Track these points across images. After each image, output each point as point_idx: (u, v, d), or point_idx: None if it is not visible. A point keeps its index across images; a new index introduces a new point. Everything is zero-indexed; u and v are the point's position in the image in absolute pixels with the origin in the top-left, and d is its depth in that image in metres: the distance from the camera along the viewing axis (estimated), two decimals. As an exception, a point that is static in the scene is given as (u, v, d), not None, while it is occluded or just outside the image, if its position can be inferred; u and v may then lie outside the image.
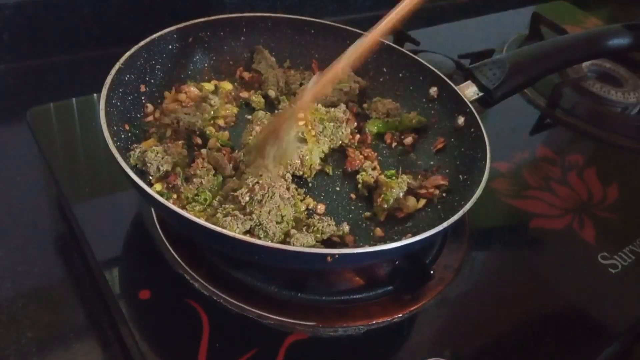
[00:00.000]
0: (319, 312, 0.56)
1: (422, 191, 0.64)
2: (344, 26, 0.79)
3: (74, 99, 0.75)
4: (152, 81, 0.68)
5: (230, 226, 0.54)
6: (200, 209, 0.58)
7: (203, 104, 0.70)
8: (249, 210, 0.55)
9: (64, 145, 0.70)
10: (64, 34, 0.86)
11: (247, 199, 0.56)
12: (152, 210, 0.61)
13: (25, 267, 0.59)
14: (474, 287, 0.63)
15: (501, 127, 0.87)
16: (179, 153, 0.62)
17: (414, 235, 0.52)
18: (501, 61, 0.72)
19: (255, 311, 0.55)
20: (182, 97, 0.70)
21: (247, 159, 0.63)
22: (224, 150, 0.65)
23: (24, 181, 0.68)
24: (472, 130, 0.67)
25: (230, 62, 0.77)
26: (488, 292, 0.63)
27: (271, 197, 0.57)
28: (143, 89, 0.67)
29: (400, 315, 0.57)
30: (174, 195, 0.58)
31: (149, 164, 0.59)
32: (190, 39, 0.72)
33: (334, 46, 0.78)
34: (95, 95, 0.75)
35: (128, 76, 0.64)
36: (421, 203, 0.64)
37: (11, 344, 0.53)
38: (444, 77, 0.73)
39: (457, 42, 1.01)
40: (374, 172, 0.66)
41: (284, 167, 0.63)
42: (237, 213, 0.55)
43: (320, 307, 0.57)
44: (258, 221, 0.55)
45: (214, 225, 0.49)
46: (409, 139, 0.72)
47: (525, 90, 0.96)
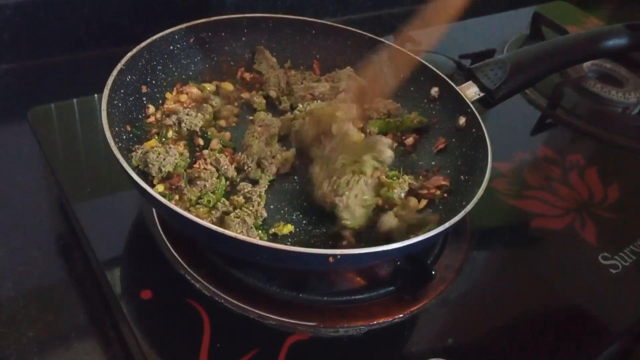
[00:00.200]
0: (320, 312, 0.56)
1: (423, 192, 0.64)
2: (345, 26, 0.79)
3: (74, 100, 0.75)
4: (154, 82, 0.68)
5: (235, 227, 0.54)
6: (204, 210, 0.58)
7: (204, 104, 0.70)
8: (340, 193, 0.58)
9: (65, 145, 0.70)
10: (64, 34, 0.86)
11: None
12: (154, 211, 0.62)
13: (27, 267, 0.59)
14: (475, 287, 0.63)
15: (502, 127, 0.87)
16: (180, 154, 0.62)
17: (415, 235, 0.52)
18: (502, 61, 0.72)
19: (257, 311, 0.55)
20: (184, 97, 0.70)
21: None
22: (226, 151, 0.65)
23: (25, 181, 0.68)
24: (474, 130, 0.67)
25: (232, 62, 0.77)
26: (489, 292, 0.63)
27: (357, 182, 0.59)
28: (144, 89, 0.67)
29: (401, 316, 0.57)
30: (176, 196, 0.58)
31: (150, 165, 0.59)
32: (192, 40, 0.72)
33: (335, 46, 0.79)
34: (96, 95, 0.75)
35: (129, 77, 0.64)
36: (422, 203, 0.63)
37: (12, 344, 0.53)
38: (445, 78, 0.73)
39: (458, 42, 1.01)
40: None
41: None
42: (246, 218, 0.56)
43: (321, 307, 0.57)
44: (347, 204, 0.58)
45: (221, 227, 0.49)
46: (410, 139, 0.73)
47: (526, 90, 0.95)
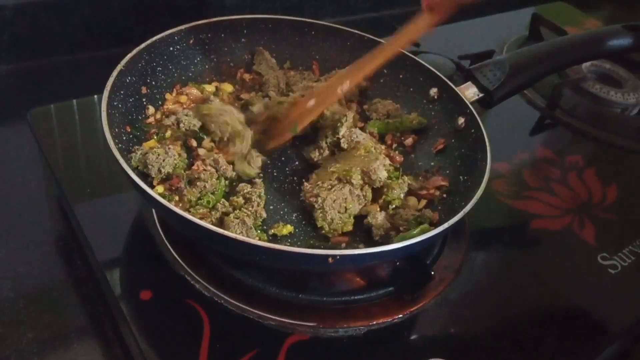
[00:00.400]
0: (319, 312, 0.56)
1: (422, 192, 0.64)
2: (344, 27, 0.79)
3: (74, 100, 0.75)
4: (153, 83, 0.68)
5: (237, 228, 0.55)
6: (204, 211, 0.58)
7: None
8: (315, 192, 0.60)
9: (64, 146, 0.70)
10: (64, 35, 0.86)
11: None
12: (153, 211, 0.62)
13: (26, 268, 0.59)
14: (474, 288, 0.63)
15: (501, 128, 0.88)
16: (178, 154, 0.62)
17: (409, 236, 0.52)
18: (501, 62, 0.72)
19: (256, 312, 0.55)
20: (183, 98, 0.70)
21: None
22: (222, 151, 0.65)
23: (24, 182, 0.68)
24: (473, 131, 0.67)
25: (231, 63, 0.77)
26: (488, 292, 0.63)
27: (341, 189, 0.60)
28: (144, 90, 0.67)
29: (400, 316, 0.58)
30: (176, 197, 0.58)
31: (150, 166, 0.59)
32: (191, 41, 0.72)
33: (334, 47, 0.79)
34: (96, 96, 0.75)
35: (129, 78, 0.64)
36: (422, 204, 0.64)
37: (12, 345, 0.53)
38: (444, 78, 0.73)
39: (457, 43, 1.01)
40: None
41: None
42: (246, 219, 0.56)
43: (321, 307, 0.57)
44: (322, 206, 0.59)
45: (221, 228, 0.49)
46: (409, 140, 0.73)
47: (525, 91, 0.96)
